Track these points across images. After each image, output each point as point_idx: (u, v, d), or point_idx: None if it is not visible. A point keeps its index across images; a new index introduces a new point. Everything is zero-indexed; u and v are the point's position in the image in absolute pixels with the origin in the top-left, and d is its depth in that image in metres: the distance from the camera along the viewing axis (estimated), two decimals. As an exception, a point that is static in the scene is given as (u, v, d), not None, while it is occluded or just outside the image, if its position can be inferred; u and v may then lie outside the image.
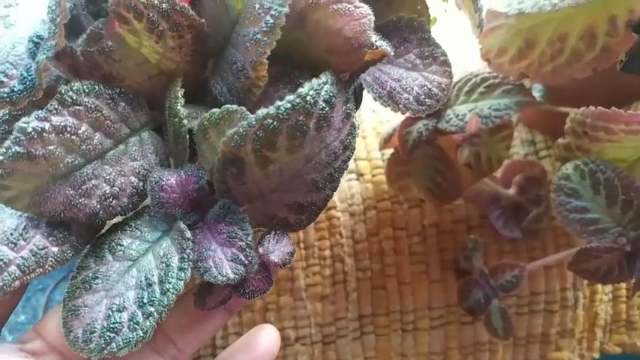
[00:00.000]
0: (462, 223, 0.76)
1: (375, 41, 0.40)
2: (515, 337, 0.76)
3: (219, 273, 0.36)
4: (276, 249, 0.40)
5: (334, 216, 0.75)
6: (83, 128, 0.37)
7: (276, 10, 0.36)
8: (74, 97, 0.37)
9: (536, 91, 0.72)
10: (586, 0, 0.49)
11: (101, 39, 0.38)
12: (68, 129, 0.36)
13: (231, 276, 0.36)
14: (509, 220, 0.74)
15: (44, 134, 0.35)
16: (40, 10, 0.40)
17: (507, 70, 0.60)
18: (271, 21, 0.37)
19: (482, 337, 0.75)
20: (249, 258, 0.37)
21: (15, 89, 0.37)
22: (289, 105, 0.36)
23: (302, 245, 0.74)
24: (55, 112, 0.36)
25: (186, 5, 0.39)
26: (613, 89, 0.64)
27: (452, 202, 0.73)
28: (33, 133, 0.34)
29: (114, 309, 0.38)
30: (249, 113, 0.37)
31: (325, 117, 0.38)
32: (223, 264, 0.37)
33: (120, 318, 0.37)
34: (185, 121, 0.39)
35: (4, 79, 0.38)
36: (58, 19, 0.35)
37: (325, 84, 0.38)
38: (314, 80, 0.38)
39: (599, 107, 0.55)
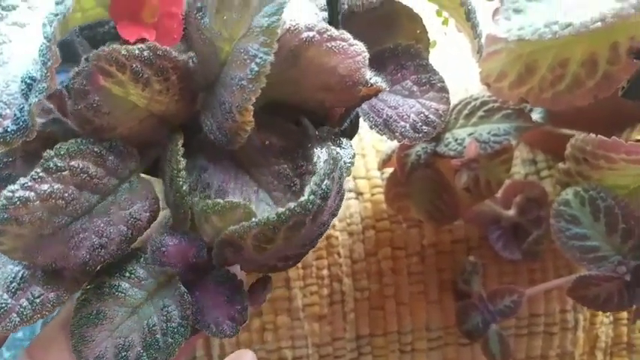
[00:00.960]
0: (461, 244, 0.75)
1: (370, 78, 0.40)
2: (514, 359, 0.76)
3: (219, 330, 0.39)
4: (264, 294, 0.43)
5: (332, 235, 0.74)
6: (69, 191, 0.37)
7: (261, 58, 0.36)
8: (58, 164, 0.37)
9: (537, 112, 0.71)
10: (587, 29, 0.49)
11: (87, 95, 0.38)
12: (53, 195, 0.36)
13: (229, 333, 0.38)
14: (509, 241, 0.73)
15: (29, 202, 0.35)
16: (34, 47, 0.40)
17: (507, 95, 0.59)
18: (256, 69, 0.36)
19: (480, 359, 0.75)
20: (246, 316, 0.39)
21: (9, 130, 0.37)
22: (289, 213, 0.36)
23: (300, 265, 0.74)
24: (39, 180, 0.36)
25: (167, 49, 0.39)
26: (614, 112, 0.63)
27: (451, 224, 0.73)
28: (18, 202, 0.35)
29: (120, 347, 0.40)
30: (251, 209, 0.38)
31: (321, 210, 0.38)
32: (222, 323, 0.39)
33: (128, 355, 0.40)
34: (188, 198, 0.40)
35: (-2, 119, 0.37)
36: (49, 63, 0.35)
37: (324, 180, 0.38)
38: (314, 183, 0.37)
39: (599, 135, 0.54)
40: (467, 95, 0.66)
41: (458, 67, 0.75)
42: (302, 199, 0.38)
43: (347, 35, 0.39)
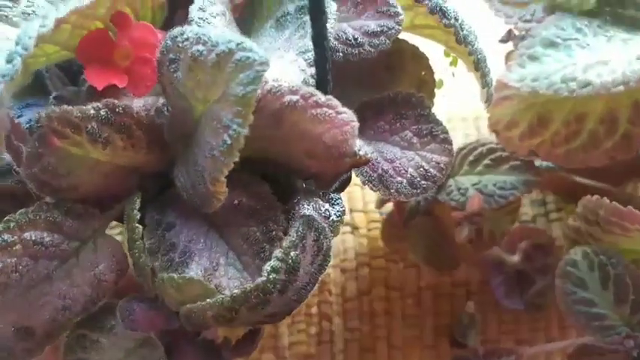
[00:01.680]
0: (461, 287, 0.71)
1: (359, 149, 0.36)
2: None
3: None
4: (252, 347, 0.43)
5: (324, 271, 0.71)
6: (23, 264, 0.35)
7: (234, 130, 0.32)
8: (9, 240, 0.34)
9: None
10: (607, 91, 0.44)
11: (41, 157, 0.35)
12: (5, 270, 0.35)
13: None
14: (512, 289, 0.69)
15: None
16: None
17: (516, 146, 0.54)
18: (229, 142, 0.32)
19: (473, 410, 0.71)
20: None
21: None
22: (245, 295, 0.35)
23: (288, 301, 0.70)
24: None
25: (127, 104, 0.36)
26: (628, 162, 0.59)
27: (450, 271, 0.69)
28: None
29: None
30: (207, 286, 0.36)
31: (289, 281, 0.34)
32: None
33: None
34: (147, 268, 0.37)
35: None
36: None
37: (290, 253, 0.36)
38: (276, 258, 0.35)
39: (613, 202, 0.50)
40: (475, 136, 0.62)
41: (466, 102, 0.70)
42: (260, 279, 0.35)
43: (334, 102, 0.35)
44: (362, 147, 0.36)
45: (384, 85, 0.51)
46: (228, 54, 0.32)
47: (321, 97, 0.35)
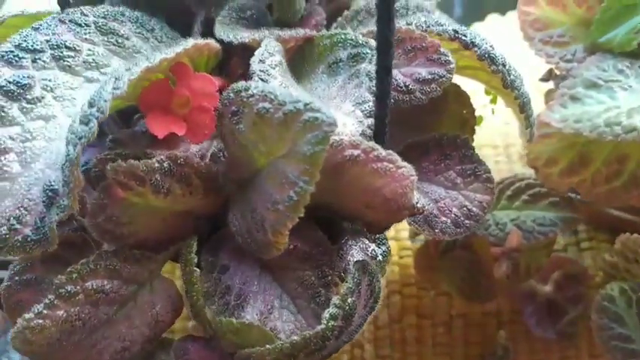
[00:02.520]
0: (492, 317, 0.71)
1: (417, 202, 0.36)
2: None
3: None
4: None
5: (357, 298, 0.71)
6: (85, 311, 0.36)
7: (301, 187, 0.33)
8: (72, 290, 0.35)
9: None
10: (654, 138, 0.45)
11: (106, 208, 0.36)
12: (69, 319, 0.35)
13: None
14: (544, 318, 0.69)
15: (45, 330, 0.34)
16: (59, 144, 0.38)
17: (556, 183, 0.55)
18: (295, 198, 0.33)
19: None
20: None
21: (29, 239, 0.36)
22: (305, 342, 0.36)
23: (321, 327, 0.71)
24: (53, 307, 0.34)
25: (188, 155, 0.37)
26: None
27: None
28: (35, 327, 0.34)
29: None
30: (266, 332, 0.37)
31: (346, 326, 0.35)
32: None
33: None
34: (204, 310, 0.38)
35: (18, 227, 0.36)
36: (72, 185, 0.33)
37: (348, 299, 0.36)
38: (335, 305, 0.37)
39: (655, 243, 0.50)
40: (506, 164, 0.63)
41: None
42: (319, 327, 0.36)
43: (394, 157, 0.36)
44: (419, 199, 0.37)
45: (427, 124, 0.52)
46: (295, 113, 0.33)
47: (381, 151, 0.35)
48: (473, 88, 0.55)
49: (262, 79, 0.39)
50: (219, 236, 0.44)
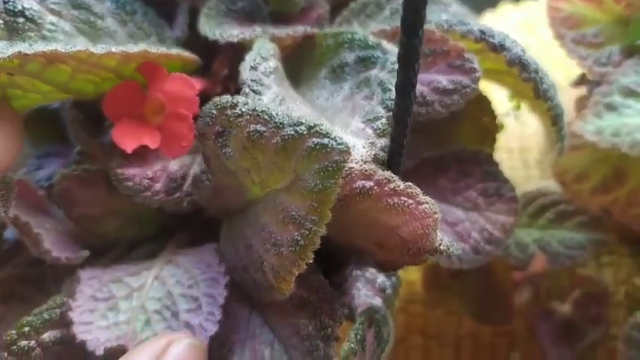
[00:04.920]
0: (504, 337, 0.66)
1: (440, 244, 0.30)
2: None
3: None
4: None
5: (358, 316, 0.66)
6: None
7: (309, 229, 0.26)
8: (26, 346, 0.30)
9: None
10: None
11: None
12: None
13: None
14: (561, 339, 0.64)
15: None
16: None
17: (587, 200, 0.49)
18: (302, 242, 0.27)
19: None
20: None
21: None
22: None
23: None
24: None
25: None
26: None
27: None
28: None
29: None
30: None
31: None
32: None
33: None
34: None
35: None
36: None
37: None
38: None
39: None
40: (521, 170, 0.56)
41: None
42: None
43: (414, 190, 0.29)
44: (442, 239, 0.31)
45: (443, 132, 0.45)
46: (298, 139, 0.26)
47: (399, 183, 0.29)
48: (493, 89, 0.49)
49: (254, 91, 0.32)
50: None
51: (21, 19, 0.34)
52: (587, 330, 0.63)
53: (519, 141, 0.73)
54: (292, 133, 0.27)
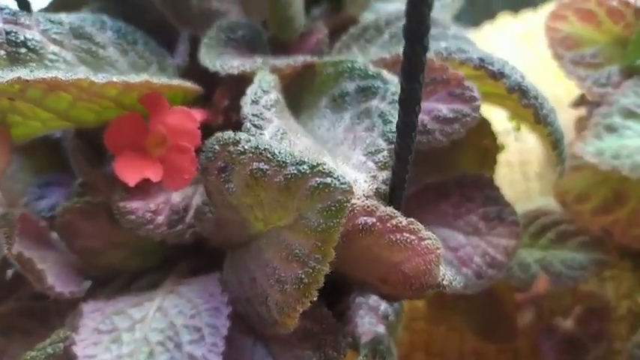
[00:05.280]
0: (507, 354, 0.65)
1: (443, 279, 0.30)
2: None
3: None
4: None
5: (361, 334, 0.65)
6: None
7: (312, 268, 0.27)
8: None
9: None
10: None
11: None
12: None
13: None
14: (564, 355, 0.63)
15: None
16: None
17: (587, 221, 0.49)
18: (306, 280, 0.27)
19: None
20: None
21: None
22: None
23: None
24: None
25: None
26: None
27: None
28: None
29: None
30: None
31: None
32: None
33: None
34: None
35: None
36: None
37: None
38: None
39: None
40: (522, 184, 0.56)
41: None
42: None
43: (417, 226, 0.29)
44: (445, 274, 0.31)
45: (443, 155, 0.45)
46: (300, 178, 0.26)
47: (401, 220, 0.29)
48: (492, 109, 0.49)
49: (256, 126, 0.32)
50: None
51: (23, 50, 0.34)
52: (590, 346, 0.63)
53: (519, 155, 0.73)
54: (295, 172, 0.27)
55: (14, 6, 0.41)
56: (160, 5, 0.41)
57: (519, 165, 0.74)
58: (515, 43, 0.95)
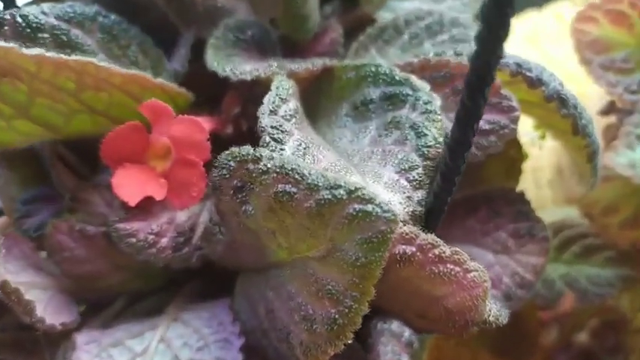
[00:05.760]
0: (520, 369, 0.63)
1: (489, 315, 0.27)
2: None
3: None
4: None
5: (367, 349, 0.62)
6: None
7: (348, 307, 0.23)
8: None
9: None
10: None
11: None
12: None
13: None
14: (578, 370, 0.61)
15: None
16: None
17: (615, 235, 0.46)
18: (340, 321, 0.23)
19: None
20: None
21: None
22: None
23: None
24: None
25: None
26: None
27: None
28: None
29: None
30: None
31: None
32: None
33: None
34: None
35: None
36: None
37: None
38: None
39: None
40: (533, 192, 0.53)
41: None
42: None
43: (462, 256, 0.26)
44: (491, 309, 0.27)
45: (474, 171, 0.42)
46: (335, 204, 0.23)
47: (444, 249, 0.26)
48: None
49: (275, 140, 0.28)
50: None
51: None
52: (606, 359, 0.61)
53: (531, 161, 0.70)
54: (329, 197, 0.23)
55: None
56: (162, 3, 0.37)
57: (531, 172, 0.71)
58: (520, 44, 0.92)
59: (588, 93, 0.54)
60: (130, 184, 0.32)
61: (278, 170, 0.25)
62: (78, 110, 0.33)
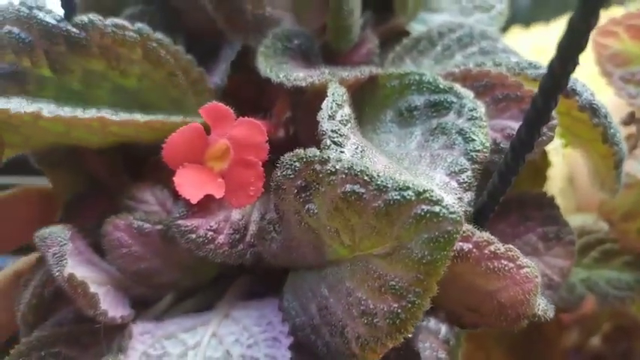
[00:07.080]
0: (534, 372, 0.64)
1: (538, 308, 0.29)
2: None
3: None
4: None
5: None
6: None
7: (412, 302, 0.25)
8: None
9: None
10: None
11: None
12: None
13: None
14: (591, 373, 0.63)
15: None
16: None
17: (634, 241, 0.48)
18: (402, 315, 0.25)
19: None
20: None
21: None
22: None
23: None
24: None
25: None
26: None
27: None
28: None
29: None
30: None
31: None
32: None
33: None
34: None
35: None
36: None
37: None
38: None
39: None
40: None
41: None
42: None
43: (515, 252, 0.28)
44: (540, 303, 0.29)
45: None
46: (403, 205, 0.25)
47: (499, 246, 0.28)
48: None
49: (336, 143, 0.30)
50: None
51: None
52: (618, 364, 0.62)
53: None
54: (398, 198, 0.25)
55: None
56: (212, 10, 0.39)
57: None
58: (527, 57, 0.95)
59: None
60: (191, 183, 0.33)
61: (347, 171, 0.26)
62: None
